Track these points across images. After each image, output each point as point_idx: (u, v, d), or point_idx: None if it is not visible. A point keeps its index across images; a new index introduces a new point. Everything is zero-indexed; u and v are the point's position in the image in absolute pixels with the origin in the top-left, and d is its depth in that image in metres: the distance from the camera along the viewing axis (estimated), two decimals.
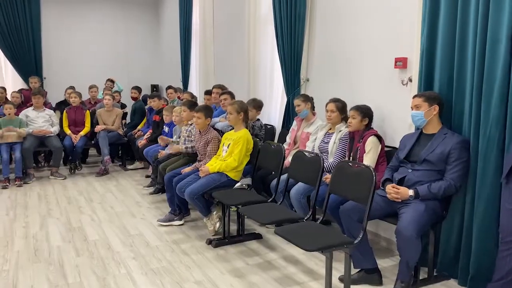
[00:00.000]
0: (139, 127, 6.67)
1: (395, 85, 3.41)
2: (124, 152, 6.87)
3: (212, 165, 3.80)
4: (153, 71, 9.33)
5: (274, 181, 3.65)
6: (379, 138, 3.23)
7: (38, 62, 8.12)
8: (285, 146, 4.03)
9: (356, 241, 2.51)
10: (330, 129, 3.71)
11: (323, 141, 3.68)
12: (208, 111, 4.11)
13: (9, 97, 6.84)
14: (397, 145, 3.08)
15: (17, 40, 7.87)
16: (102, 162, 6.20)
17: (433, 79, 2.95)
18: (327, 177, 3.23)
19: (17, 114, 5.85)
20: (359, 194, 2.61)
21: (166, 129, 5.48)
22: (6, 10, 7.70)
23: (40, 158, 6.83)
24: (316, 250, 2.37)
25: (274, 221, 2.93)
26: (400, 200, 2.70)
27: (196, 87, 7.37)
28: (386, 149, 3.31)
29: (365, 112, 3.30)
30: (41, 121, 5.96)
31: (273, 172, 3.93)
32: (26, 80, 7.81)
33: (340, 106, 3.60)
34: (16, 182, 5.48)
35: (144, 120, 6.72)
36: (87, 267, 3.12)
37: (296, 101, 4.06)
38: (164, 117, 5.42)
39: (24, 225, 4.01)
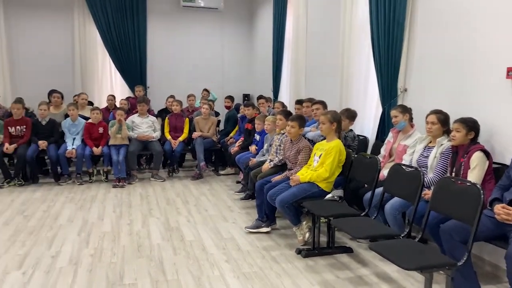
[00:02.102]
0: (231, 134, 6.93)
1: (506, 97, 3.13)
2: (217, 158, 7.17)
3: (303, 175, 3.81)
4: (245, 81, 9.64)
5: (368, 194, 3.55)
6: (486, 154, 2.99)
7: (143, 72, 8.84)
8: (380, 158, 3.90)
9: (459, 263, 2.34)
10: (430, 142, 3.52)
11: (422, 155, 3.50)
12: (302, 120, 4.14)
13: (117, 104, 7.55)
14: (507, 162, 2.82)
15: (125, 53, 8.65)
16: (197, 166, 6.54)
17: None
18: (427, 193, 3.06)
19: (124, 119, 6.42)
20: (464, 213, 2.44)
21: (257, 137, 5.62)
22: (118, 27, 8.52)
23: (142, 161, 7.40)
24: (415, 270, 2.26)
25: (368, 236, 2.85)
26: (511, 222, 2.47)
27: (286, 97, 7.46)
28: (494, 166, 3.05)
29: (471, 126, 3.08)
30: (144, 126, 6.46)
31: (366, 185, 3.83)
32: (132, 89, 8.55)
33: (442, 118, 3.40)
34: (120, 182, 5.99)
35: (236, 128, 6.97)
36: (183, 265, 3.31)
37: (393, 112, 3.91)
38: (256, 125, 5.58)
39: (128, 223, 4.37)
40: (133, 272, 3.17)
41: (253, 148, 5.55)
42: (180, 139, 6.60)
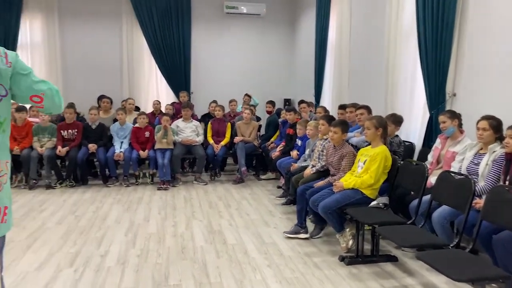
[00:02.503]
0: (272, 139, 6.95)
1: None
2: (258, 163, 7.21)
3: (347, 181, 3.76)
4: (286, 86, 9.65)
5: (414, 202, 3.45)
6: None
7: (187, 78, 9.05)
8: (427, 165, 3.78)
9: None
10: (481, 149, 3.37)
11: (473, 162, 3.36)
12: (345, 126, 4.09)
13: (163, 109, 7.77)
14: None
15: (171, 60, 8.89)
16: (238, 171, 6.60)
17: None
18: (478, 202, 2.94)
19: (169, 124, 6.59)
20: None
21: (299, 142, 5.60)
22: (164, 34, 8.78)
23: (185, 164, 7.56)
24: (466, 281, 2.18)
25: (415, 245, 2.77)
26: None
27: (328, 102, 7.40)
28: None
29: None
30: (188, 131, 6.61)
31: (413, 193, 3.72)
32: (177, 94, 8.77)
33: (495, 124, 3.25)
34: (165, 185, 6.15)
35: (277, 133, 6.98)
36: (226, 269, 3.34)
37: (441, 118, 3.79)
38: (297, 130, 5.56)
39: (173, 224, 4.47)
40: (177, 274, 3.25)
41: (294, 153, 5.54)
42: (222, 143, 6.69)
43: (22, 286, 3.02)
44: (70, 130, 6.32)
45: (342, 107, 5.45)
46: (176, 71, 8.95)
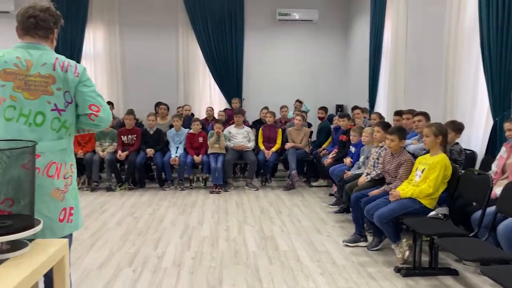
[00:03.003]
0: (324, 146, 6.89)
1: None
2: (309, 169, 7.16)
3: (404, 190, 3.65)
4: (339, 92, 9.52)
5: (477, 214, 3.28)
6: None
7: (239, 85, 9.19)
8: (491, 175, 3.59)
9: None
10: None
11: None
12: (402, 132, 3.98)
13: (216, 115, 7.95)
14: None
15: (224, 67, 9.08)
16: (289, 177, 6.60)
17: None
18: None
19: (221, 130, 6.73)
20: None
21: (352, 149, 5.51)
22: (217, 42, 8.99)
23: (236, 169, 7.66)
24: None
25: (479, 259, 2.63)
26: None
27: (383, 108, 7.21)
28: None
29: None
30: (240, 137, 6.71)
31: (475, 204, 3.54)
32: (229, 100, 8.93)
33: None
34: (217, 189, 6.28)
35: (329, 139, 6.91)
36: (279, 275, 3.35)
37: (507, 125, 3.58)
38: (351, 137, 5.48)
39: (225, 229, 4.55)
40: (231, 278, 3.29)
41: (348, 160, 5.45)
42: (273, 149, 6.72)
43: (86, 283, 3.20)
44: (129, 136, 6.62)
45: (398, 113, 5.30)
46: (229, 78, 9.12)
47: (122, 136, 6.61)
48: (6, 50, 1.98)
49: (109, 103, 7.99)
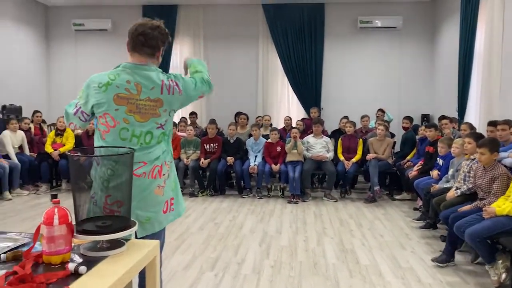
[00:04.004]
0: (408, 157, 6.58)
1: None
2: (392, 182, 6.88)
3: (500, 207, 3.35)
4: (424, 101, 9.05)
5: None
6: None
7: (317, 94, 9.14)
8: None
9: None
10: None
11: None
12: (493, 145, 3.68)
13: (294, 124, 7.97)
14: None
15: (302, 77, 9.10)
16: (370, 189, 6.39)
17: None
18: None
19: (300, 138, 6.74)
20: None
21: (440, 161, 5.19)
22: (297, 52, 9.04)
23: (314, 180, 7.59)
24: None
25: None
26: None
27: (475, 118, 6.71)
28: None
29: None
30: (319, 147, 6.65)
31: None
32: (307, 110, 8.91)
33: None
34: (295, 199, 6.27)
35: (414, 151, 6.59)
36: None
37: None
38: (439, 148, 5.18)
39: (304, 239, 4.52)
40: None
41: (435, 173, 5.14)
42: (353, 160, 6.56)
43: (172, 282, 3.36)
44: (211, 144, 6.88)
45: (493, 124, 4.89)
46: (307, 87, 9.11)
47: (204, 144, 6.89)
48: (116, 72, 2.11)
49: (193, 113, 8.38)
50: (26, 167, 6.82)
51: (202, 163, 6.68)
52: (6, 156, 6.59)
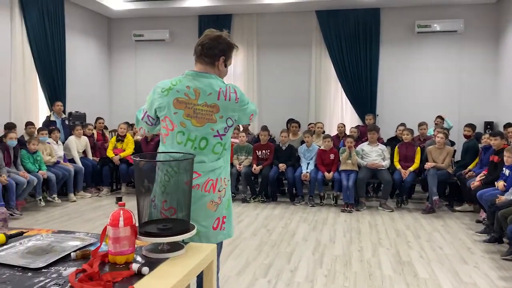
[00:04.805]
0: (470, 167, 6.26)
1: None
2: (452, 192, 6.55)
3: None
4: (488, 108, 8.55)
5: None
6: None
7: (373, 100, 8.92)
8: None
9: None
10: None
11: None
12: None
13: (347, 131, 7.84)
14: None
15: (357, 83, 8.92)
16: (428, 199, 6.12)
17: None
18: None
19: (355, 146, 6.61)
20: None
21: (506, 171, 4.88)
22: (351, 58, 8.90)
23: (369, 188, 7.40)
24: None
25: None
26: None
27: None
28: None
29: None
30: (374, 155, 6.48)
31: None
32: (361, 117, 8.73)
33: None
34: (348, 208, 6.14)
35: (477, 160, 6.25)
36: None
37: None
38: (505, 158, 4.88)
39: (359, 249, 4.40)
40: None
41: (500, 184, 4.83)
42: (411, 169, 6.33)
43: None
44: (263, 150, 6.92)
45: None
46: (362, 94, 8.93)
47: (257, 151, 6.94)
48: (178, 78, 2.23)
49: None
50: (89, 171, 7.22)
51: (255, 169, 6.73)
52: (71, 160, 7.01)
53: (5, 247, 1.82)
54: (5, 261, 1.65)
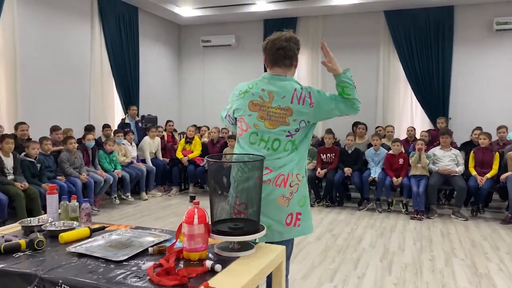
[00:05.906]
0: None
1: None
2: None
3: None
4: None
5: None
6: None
7: (445, 103, 8.45)
8: None
9: None
10: None
11: None
12: None
13: (417, 135, 7.51)
14: None
15: (428, 85, 8.51)
16: (507, 208, 5.69)
17: None
18: None
19: (426, 150, 6.31)
20: None
21: None
22: (422, 59, 8.50)
23: (441, 195, 7.02)
24: None
25: None
26: None
27: None
28: None
29: None
30: (447, 160, 6.14)
31: None
32: (432, 120, 8.32)
33: None
34: (419, 215, 5.87)
35: None
36: None
37: None
38: None
39: (430, 258, 4.19)
40: None
41: None
42: (488, 175, 5.90)
43: None
44: (328, 154, 6.82)
45: None
46: (433, 96, 8.50)
47: (321, 154, 6.86)
48: (255, 81, 2.28)
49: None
50: (160, 171, 7.57)
51: (319, 173, 6.65)
52: (143, 161, 7.40)
53: (89, 240, 1.97)
54: (90, 253, 1.78)
